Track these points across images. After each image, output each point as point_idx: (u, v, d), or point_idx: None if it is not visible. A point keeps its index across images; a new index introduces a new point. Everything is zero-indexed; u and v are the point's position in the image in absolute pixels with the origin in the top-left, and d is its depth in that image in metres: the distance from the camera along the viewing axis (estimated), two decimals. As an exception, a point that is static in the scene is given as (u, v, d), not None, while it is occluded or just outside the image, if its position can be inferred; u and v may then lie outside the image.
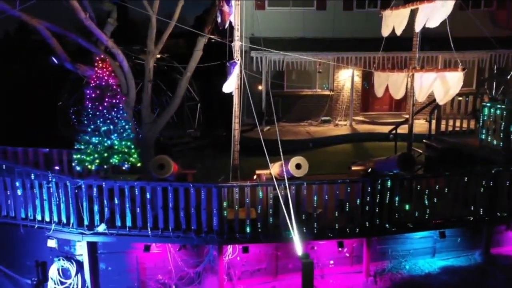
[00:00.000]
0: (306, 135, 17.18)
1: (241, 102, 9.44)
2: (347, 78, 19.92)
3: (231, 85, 8.72)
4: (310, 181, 8.22)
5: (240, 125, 9.25)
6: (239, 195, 8.07)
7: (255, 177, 8.99)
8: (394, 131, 12.58)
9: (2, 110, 21.40)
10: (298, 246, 7.23)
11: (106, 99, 8.90)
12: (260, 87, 18.64)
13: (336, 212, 8.28)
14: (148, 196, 8.08)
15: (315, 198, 8.18)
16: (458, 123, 11.97)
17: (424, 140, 12.27)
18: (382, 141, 16.24)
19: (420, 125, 15.23)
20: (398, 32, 10.41)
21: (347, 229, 8.35)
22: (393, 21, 10.53)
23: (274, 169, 8.44)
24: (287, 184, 7.55)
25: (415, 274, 8.95)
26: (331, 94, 20.08)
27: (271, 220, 8.18)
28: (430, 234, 9.29)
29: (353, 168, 8.89)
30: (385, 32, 10.78)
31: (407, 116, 19.19)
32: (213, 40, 16.34)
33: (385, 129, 17.59)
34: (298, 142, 16.39)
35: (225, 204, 8.06)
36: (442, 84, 8.79)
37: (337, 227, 8.30)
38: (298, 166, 7.53)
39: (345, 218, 8.36)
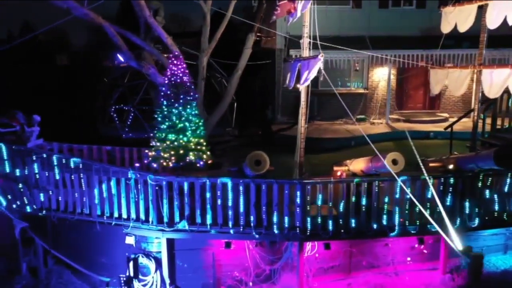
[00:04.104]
0: (346, 133, 17.11)
1: (307, 101, 9.45)
2: (381, 76, 19.86)
3: (308, 79, 8.74)
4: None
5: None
6: (323, 191, 8.05)
7: (338, 173, 8.96)
8: (450, 128, 12.52)
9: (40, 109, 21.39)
10: (456, 240, 7.11)
11: (181, 96, 8.91)
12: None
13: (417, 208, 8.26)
14: (230, 193, 8.07)
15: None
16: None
17: (480, 138, 12.19)
18: (423, 139, 16.19)
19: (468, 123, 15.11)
20: (463, 29, 10.33)
21: (428, 226, 8.32)
22: (456, 18, 10.46)
23: (356, 165, 8.40)
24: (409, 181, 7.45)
25: (491, 271, 8.90)
26: (365, 93, 20.02)
27: (352, 216, 8.17)
28: (502, 231, 9.26)
29: (431, 164, 8.84)
30: (446, 28, 10.71)
31: (443, 114, 19.40)
32: (258, 39, 16.31)
33: (422, 127, 17.66)
34: (340, 140, 16.36)
35: (308, 200, 8.06)
36: (520, 80, 8.76)
37: (418, 223, 8.30)
38: (394, 162, 7.50)
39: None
